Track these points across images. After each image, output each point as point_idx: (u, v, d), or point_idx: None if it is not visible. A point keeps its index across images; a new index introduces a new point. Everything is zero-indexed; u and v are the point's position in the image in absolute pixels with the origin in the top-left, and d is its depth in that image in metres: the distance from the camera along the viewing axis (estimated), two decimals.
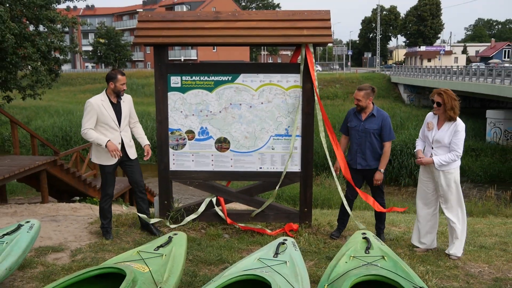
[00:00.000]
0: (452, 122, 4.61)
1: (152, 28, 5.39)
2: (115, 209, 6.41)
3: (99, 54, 57.04)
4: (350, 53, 65.14)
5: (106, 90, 4.99)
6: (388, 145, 5.16)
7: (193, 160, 5.54)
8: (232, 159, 5.51)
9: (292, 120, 5.40)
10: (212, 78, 5.39)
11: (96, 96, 4.99)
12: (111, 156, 4.90)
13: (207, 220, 5.68)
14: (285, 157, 5.46)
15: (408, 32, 75.92)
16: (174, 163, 5.55)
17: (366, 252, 3.42)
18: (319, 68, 59.37)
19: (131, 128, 5.25)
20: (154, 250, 3.45)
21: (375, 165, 5.14)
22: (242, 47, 56.09)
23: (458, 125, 4.59)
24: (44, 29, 13.87)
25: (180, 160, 5.54)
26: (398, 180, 21.29)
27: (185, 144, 5.52)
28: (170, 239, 3.65)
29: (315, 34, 5.22)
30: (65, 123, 29.39)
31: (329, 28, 5.27)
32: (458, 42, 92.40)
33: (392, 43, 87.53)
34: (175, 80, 5.41)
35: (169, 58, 5.64)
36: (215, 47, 56.67)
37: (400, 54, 79.62)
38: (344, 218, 5.49)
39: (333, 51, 58.83)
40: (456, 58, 67.11)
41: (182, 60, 58.41)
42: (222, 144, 5.49)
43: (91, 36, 63.96)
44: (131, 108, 5.19)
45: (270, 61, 69.02)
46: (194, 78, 5.41)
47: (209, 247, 4.91)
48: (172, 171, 5.56)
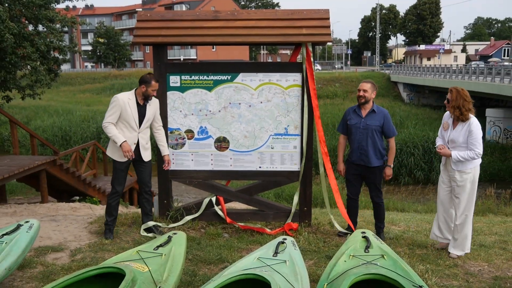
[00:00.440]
0: (465, 122, 4.53)
1: (151, 28, 5.39)
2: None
3: (99, 54, 57.05)
4: (350, 52, 65.03)
5: (136, 90, 5.01)
6: (393, 141, 5.19)
7: (193, 160, 5.54)
8: (232, 159, 5.51)
9: (291, 119, 5.40)
10: (212, 78, 5.39)
11: (125, 93, 5.02)
12: (123, 156, 4.94)
13: (207, 220, 5.68)
14: (285, 156, 5.47)
15: (408, 31, 75.85)
16: (174, 163, 5.55)
17: (366, 251, 3.42)
18: (319, 67, 59.28)
19: (154, 133, 5.24)
20: (154, 250, 3.45)
21: (376, 163, 5.10)
22: (242, 46, 56.09)
23: (471, 124, 4.49)
24: (43, 29, 13.84)
25: (180, 160, 5.54)
26: (398, 179, 21.28)
27: (185, 144, 5.52)
28: (170, 239, 3.65)
29: (314, 33, 5.22)
30: (65, 123, 29.34)
31: (328, 27, 5.27)
32: (458, 41, 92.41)
33: (392, 42, 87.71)
34: (174, 80, 5.41)
35: (168, 58, 5.64)
36: (215, 47, 56.67)
37: (400, 53, 79.52)
38: (352, 219, 5.45)
39: (333, 50, 58.59)
40: (456, 57, 66.97)
41: (182, 60, 58.36)
42: (222, 144, 5.49)
43: (91, 36, 63.92)
44: (156, 112, 5.17)
45: (270, 60, 68.97)
46: (193, 78, 5.41)
47: (209, 247, 4.90)
48: (172, 171, 5.56)
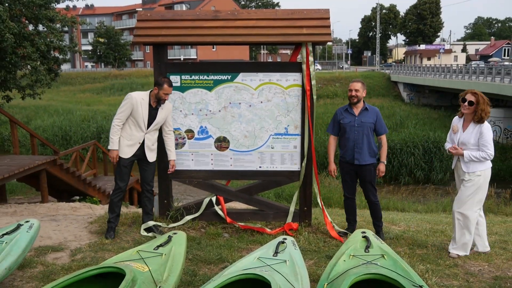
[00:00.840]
0: (478, 124, 4.54)
1: (152, 27, 5.39)
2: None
3: (99, 54, 57.08)
4: (350, 52, 65.07)
5: (151, 92, 5.08)
6: (385, 137, 5.27)
7: (193, 159, 5.54)
8: (232, 158, 5.51)
9: (292, 119, 5.40)
10: (212, 77, 5.39)
11: (140, 92, 5.11)
12: (112, 160, 5.00)
13: (207, 219, 5.67)
14: (285, 156, 5.46)
15: (408, 31, 75.81)
16: None
17: (366, 251, 3.42)
18: (319, 67, 59.31)
19: (164, 137, 5.27)
20: (154, 250, 3.45)
21: (370, 161, 5.15)
22: (242, 46, 56.06)
23: (483, 126, 4.51)
24: (44, 29, 13.84)
25: (180, 160, 5.54)
26: (398, 179, 21.29)
27: (185, 143, 5.52)
28: (170, 239, 3.66)
29: (315, 33, 5.21)
30: (65, 123, 29.34)
31: (329, 27, 5.27)
32: (458, 41, 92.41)
33: (392, 42, 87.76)
34: (175, 79, 5.41)
35: (169, 57, 5.63)
36: (215, 46, 56.65)
37: (400, 53, 79.55)
38: (350, 218, 5.49)
39: (333, 50, 58.45)
40: (456, 57, 66.98)
41: (182, 59, 58.36)
42: (222, 143, 5.49)
43: (91, 36, 63.93)
44: (168, 117, 5.20)
45: (270, 60, 68.94)
46: (194, 77, 5.41)
47: (209, 246, 4.90)
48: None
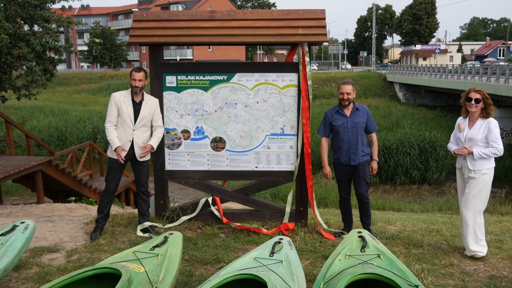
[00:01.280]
0: (485, 120, 4.59)
1: (147, 28, 5.39)
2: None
3: (95, 54, 56.93)
4: (346, 52, 65.22)
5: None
6: (375, 135, 5.31)
7: (189, 160, 5.54)
8: (228, 159, 5.51)
9: (288, 119, 5.41)
10: (208, 78, 5.39)
11: (121, 91, 5.13)
12: (117, 157, 4.97)
13: (203, 220, 5.67)
14: (281, 156, 5.47)
15: (404, 31, 75.94)
16: (170, 163, 5.54)
17: (362, 251, 3.44)
18: (315, 67, 59.43)
19: (153, 131, 5.17)
20: (150, 250, 3.46)
21: (364, 158, 5.19)
22: (238, 47, 56.08)
23: (491, 122, 4.55)
24: (39, 29, 13.80)
25: (176, 160, 5.54)
26: (394, 179, 21.34)
27: (181, 144, 5.52)
28: (166, 239, 3.66)
29: (311, 33, 5.22)
30: (61, 123, 29.24)
31: (324, 27, 5.27)
32: (454, 41, 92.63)
33: (388, 42, 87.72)
34: (171, 80, 5.41)
35: (165, 58, 5.63)
36: (211, 47, 56.64)
37: (396, 53, 79.72)
38: (347, 218, 5.50)
39: (329, 50, 58.46)
40: (452, 57, 67.12)
41: (178, 60, 58.31)
42: (218, 144, 5.49)
43: (86, 36, 63.77)
44: (155, 111, 5.14)
45: (266, 61, 68.97)
46: (190, 78, 5.40)
47: (205, 247, 4.90)
48: (168, 171, 5.56)
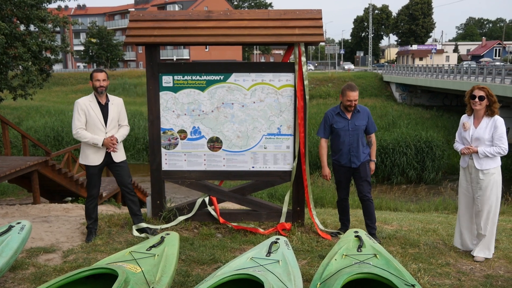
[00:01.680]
0: (491, 118, 4.53)
1: (144, 28, 5.38)
2: (108, 209, 6.39)
3: (91, 54, 56.76)
4: (343, 52, 65.42)
5: (93, 91, 5.04)
6: (374, 136, 5.31)
7: (186, 160, 5.54)
8: (225, 159, 5.51)
9: (284, 119, 5.41)
10: (204, 78, 5.39)
11: (85, 97, 5.04)
12: (111, 150, 4.95)
13: (200, 220, 5.68)
14: (278, 156, 5.48)
15: (400, 31, 76.28)
16: (167, 163, 5.54)
17: (359, 251, 3.44)
18: (311, 67, 59.63)
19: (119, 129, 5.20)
20: (147, 250, 3.46)
21: (364, 159, 5.19)
22: (235, 47, 56.10)
23: (497, 120, 4.50)
24: (35, 29, 13.76)
25: (173, 160, 5.54)
26: (390, 179, 21.41)
27: (177, 144, 5.51)
28: (163, 239, 3.67)
29: (307, 33, 5.23)
30: (57, 123, 29.19)
31: (321, 27, 5.28)
32: (450, 41, 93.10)
33: (384, 42, 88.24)
34: (167, 80, 5.40)
35: (161, 58, 5.63)
36: (207, 47, 56.63)
37: (392, 53, 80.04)
38: (344, 218, 5.51)
39: (326, 50, 58.73)
40: (448, 57, 67.45)
41: (174, 60, 58.28)
42: (215, 144, 5.49)
43: (83, 36, 63.69)
44: (121, 111, 5.16)
45: (263, 61, 69.01)
46: (186, 78, 5.40)
47: (202, 247, 4.91)
48: (165, 171, 5.56)
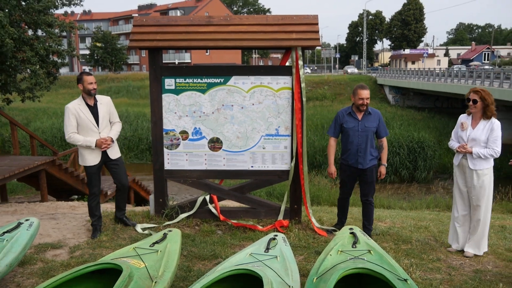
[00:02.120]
0: (488, 120, 4.58)
1: (147, 32, 5.50)
2: (112, 207, 6.55)
3: (96, 58, 57.00)
4: (338, 56, 66.02)
5: (81, 94, 5.15)
6: (386, 140, 5.27)
7: (187, 160, 5.69)
8: (225, 158, 5.65)
9: (282, 121, 5.53)
10: (205, 80, 5.52)
11: (73, 101, 5.15)
12: (104, 149, 5.11)
13: (201, 217, 5.82)
14: (276, 156, 5.62)
15: (393, 36, 76.22)
16: (169, 163, 5.69)
17: (353, 247, 3.53)
18: (308, 70, 60.35)
19: (111, 126, 5.34)
20: (150, 247, 3.57)
21: (372, 163, 5.17)
22: (234, 50, 55.47)
23: (494, 123, 4.55)
24: (43, 34, 13.91)
25: (175, 160, 5.69)
26: (384, 178, 21.42)
27: (179, 144, 5.66)
28: (165, 236, 3.77)
29: (304, 38, 5.34)
30: (63, 124, 29.34)
31: (317, 32, 5.38)
32: (441, 45, 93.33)
33: (378, 46, 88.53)
34: (169, 83, 5.54)
35: (164, 61, 5.74)
36: (208, 51, 56.59)
37: (386, 57, 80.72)
38: (342, 215, 5.61)
39: (322, 54, 59.19)
40: (439, 61, 67.83)
41: (176, 63, 58.39)
42: (215, 144, 5.64)
43: (88, 40, 63.97)
44: (111, 110, 5.28)
45: (261, 64, 69.16)
46: (188, 80, 5.54)
47: (203, 243, 5.02)
48: (167, 170, 5.71)
